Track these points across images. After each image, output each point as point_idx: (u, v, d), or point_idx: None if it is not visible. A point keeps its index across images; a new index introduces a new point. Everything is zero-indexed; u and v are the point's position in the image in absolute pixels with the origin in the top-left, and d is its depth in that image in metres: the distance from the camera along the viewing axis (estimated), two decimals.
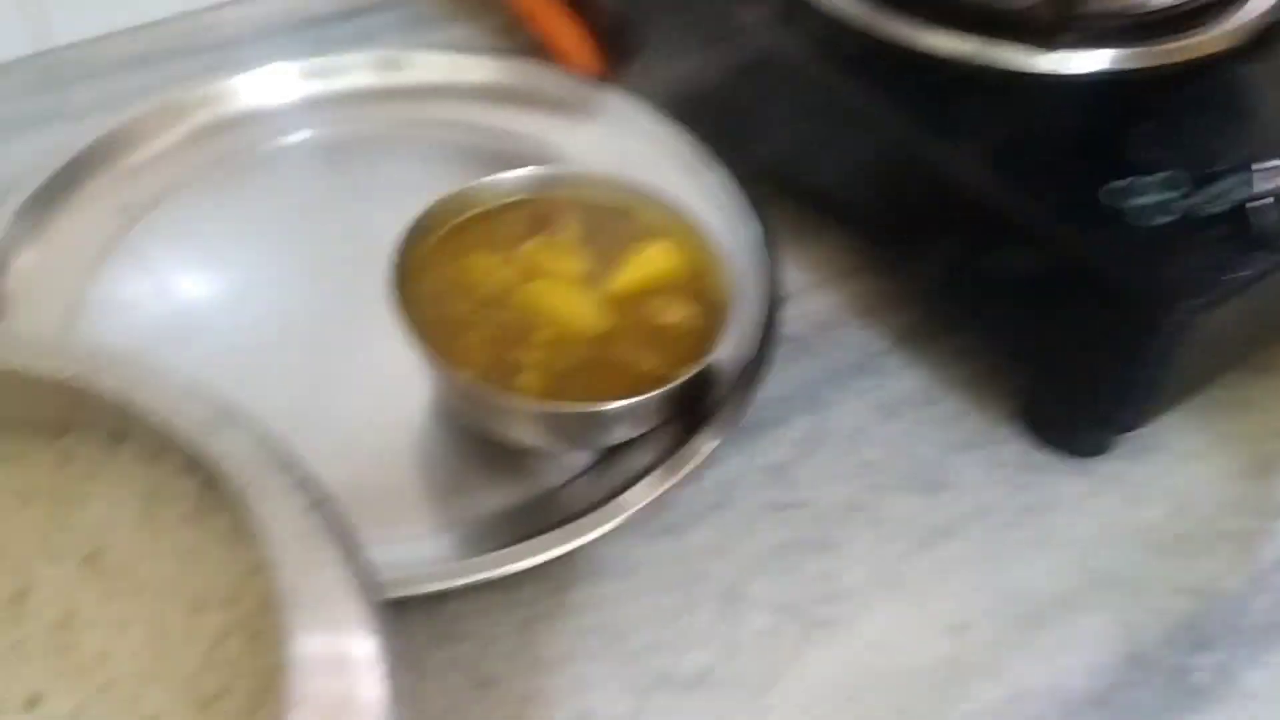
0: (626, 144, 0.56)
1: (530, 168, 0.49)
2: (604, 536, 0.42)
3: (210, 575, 0.33)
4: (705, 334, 0.45)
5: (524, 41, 0.63)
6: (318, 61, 0.57)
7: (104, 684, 0.30)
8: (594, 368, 0.44)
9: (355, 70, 0.58)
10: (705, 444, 0.44)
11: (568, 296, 0.46)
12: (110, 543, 0.33)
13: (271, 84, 0.57)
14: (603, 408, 0.42)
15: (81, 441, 0.35)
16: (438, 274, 0.47)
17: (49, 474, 0.34)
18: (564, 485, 0.46)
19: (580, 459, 0.46)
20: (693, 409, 0.45)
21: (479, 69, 0.59)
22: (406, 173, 0.55)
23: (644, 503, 0.43)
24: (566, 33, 0.61)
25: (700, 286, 0.47)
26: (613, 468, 0.46)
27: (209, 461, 0.30)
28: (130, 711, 0.30)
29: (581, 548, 0.42)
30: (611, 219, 0.49)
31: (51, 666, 0.30)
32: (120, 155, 0.54)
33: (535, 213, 0.49)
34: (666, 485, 0.43)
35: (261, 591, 0.33)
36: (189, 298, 0.51)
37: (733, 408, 0.46)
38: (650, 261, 0.48)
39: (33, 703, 0.30)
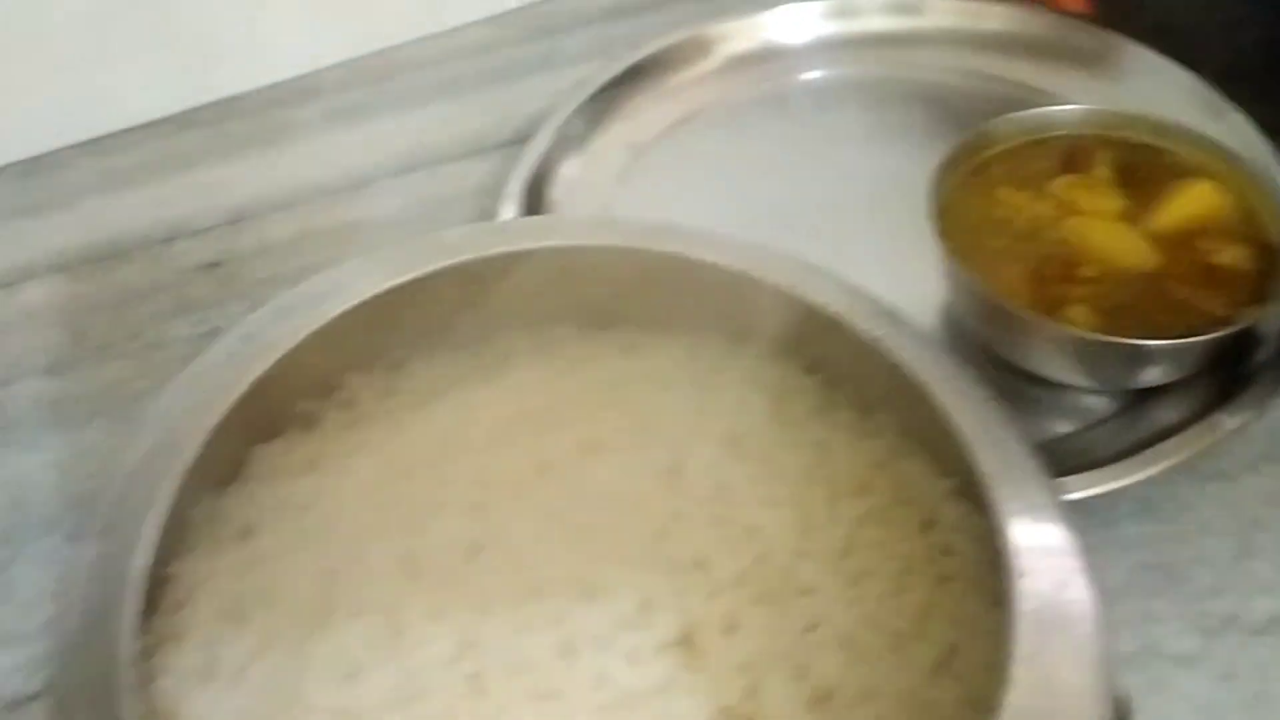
0: (1136, 90, 0.55)
1: (1052, 107, 0.49)
2: (1151, 477, 0.42)
3: (840, 466, 0.34)
4: (1262, 276, 0.44)
5: None
6: (836, 3, 0.59)
7: (760, 555, 0.33)
8: (1148, 305, 0.44)
9: (872, 13, 0.59)
10: (1263, 390, 0.43)
11: (1112, 233, 0.46)
12: (747, 430, 0.35)
13: (792, 22, 0.59)
14: (1185, 340, 0.41)
15: (704, 342, 0.37)
16: (967, 208, 0.47)
17: (681, 365, 0.37)
18: (1094, 425, 0.45)
19: (1102, 403, 0.45)
20: (1249, 353, 0.44)
21: (992, 16, 0.59)
22: (915, 114, 0.56)
23: (1203, 445, 0.42)
24: None
25: (1250, 228, 0.46)
26: (1147, 412, 0.45)
27: (882, 353, 0.32)
28: (787, 581, 0.32)
29: (1128, 486, 0.42)
30: (1146, 157, 0.48)
31: (711, 535, 0.33)
32: (641, 87, 0.57)
33: (1063, 150, 0.49)
34: (1226, 428, 0.42)
35: (892, 484, 0.34)
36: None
37: None
38: (1196, 199, 0.46)
39: (699, 564, 0.32)
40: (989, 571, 0.32)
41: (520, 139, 0.60)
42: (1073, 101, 0.54)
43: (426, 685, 0.30)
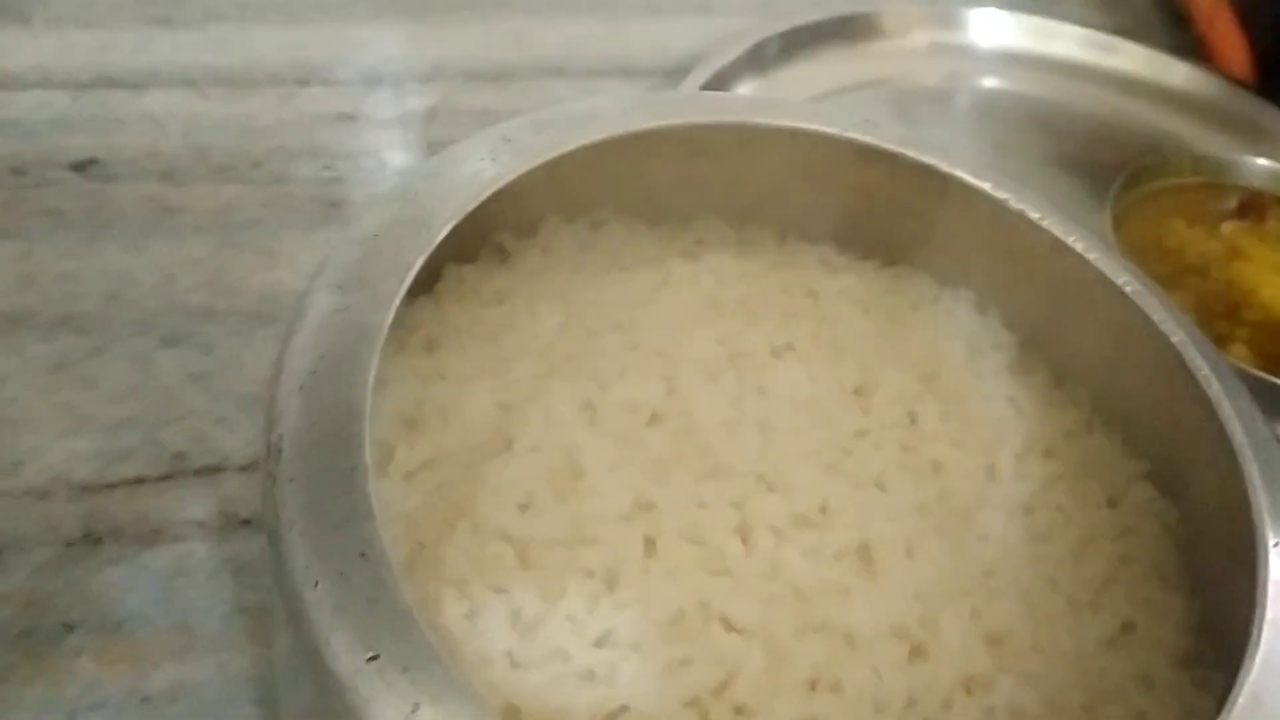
0: None
1: (1234, 156, 0.50)
2: None
3: (1031, 427, 0.34)
4: None
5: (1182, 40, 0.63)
6: (1037, 22, 0.60)
7: (942, 492, 0.32)
8: None
9: (1069, 40, 0.60)
10: None
11: (1277, 283, 0.46)
12: (941, 370, 0.34)
13: (984, 27, 0.60)
14: None
15: (908, 276, 0.37)
16: (1139, 231, 0.47)
17: (881, 294, 0.36)
18: None
19: None
20: None
21: (1178, 72, 0.60)
22: (1085, 145, 0.56)
23: None
24: (1230, 39, 0.61)
25: None
26: None
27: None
28: (969, 524, 0.31)
29: None
30: None
31: (894, 461, 0.32)
32: (805, 52, 0.57)
33: (1240, 197, 0.49)
34: None
35: (1081, 455, 0.34)
36: None
37: None
38: None
39: (879, 484, 0.31)
40: (1170, 557, 0.32)
41: (668, 72, 0.59)
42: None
43: (598, 534, 0.29)
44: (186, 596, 0.35)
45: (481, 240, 0.33)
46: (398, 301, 0.25)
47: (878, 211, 0.36)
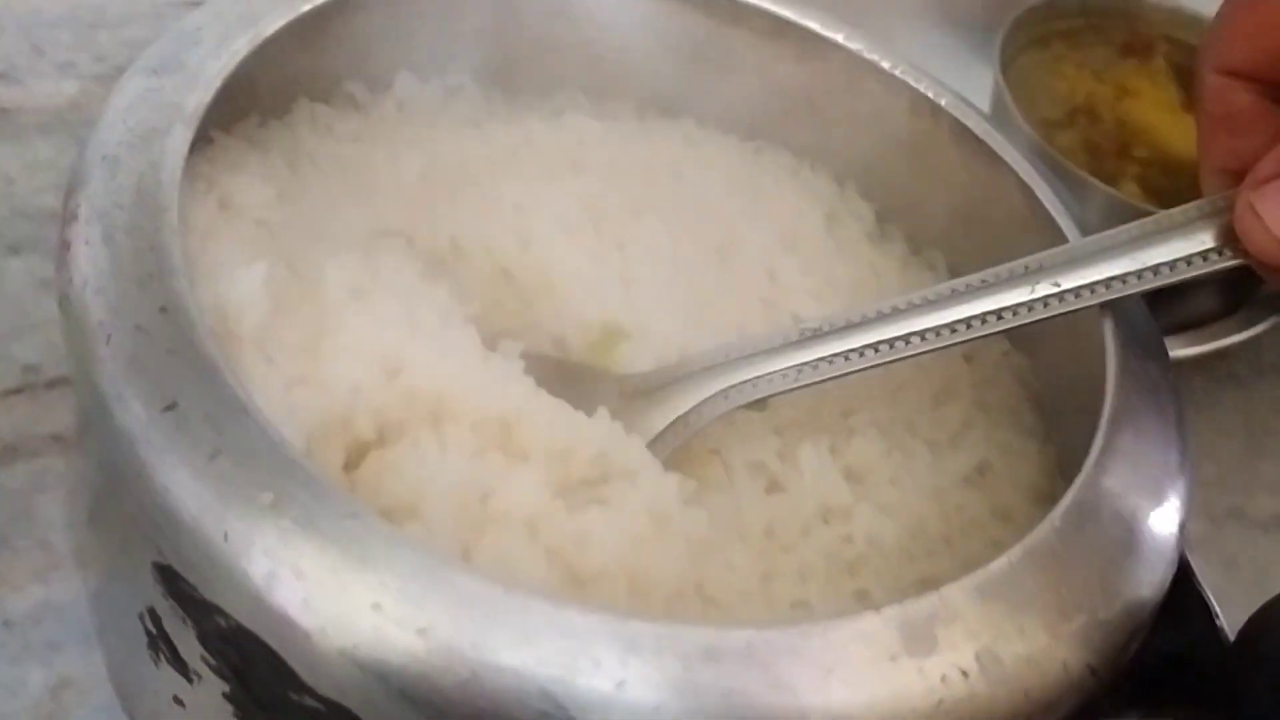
0: None
1: None
2: None
3: (889, 288, 0.34)
4: None
5: None
6: None
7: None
8: (1195, 194, 0.44)
9: None
10: None
11: (1166, 119, 0.47)
12: (800, 237, 0.34)
13: None
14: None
15: (770, 150, 0.36)
16: (1028, 76, 0.48)
17: (742, 168, 0.36)
18: None
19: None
20: None
21: None
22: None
23: (1216, 344, 0.42)
24: None
25: None
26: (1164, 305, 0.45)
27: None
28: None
29: None
30: None
31: (755, 314, 0.32)
32: None
33: (1125, 38, 0.51)
34: (1241, 333, 0.43)
35: None
36: None
37: None
38: None
39: (740, 334, 0.31)
40: (1025, 406, 0.32)
41: None
42: None
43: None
44: (47, 514, 0.33)
45: (332, 86, 0.32)
46: (218, 84, 0.24)
47: (735, 84, 0.35)
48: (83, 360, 0.21)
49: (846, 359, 0.28)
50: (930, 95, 0.33)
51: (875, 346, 0.28)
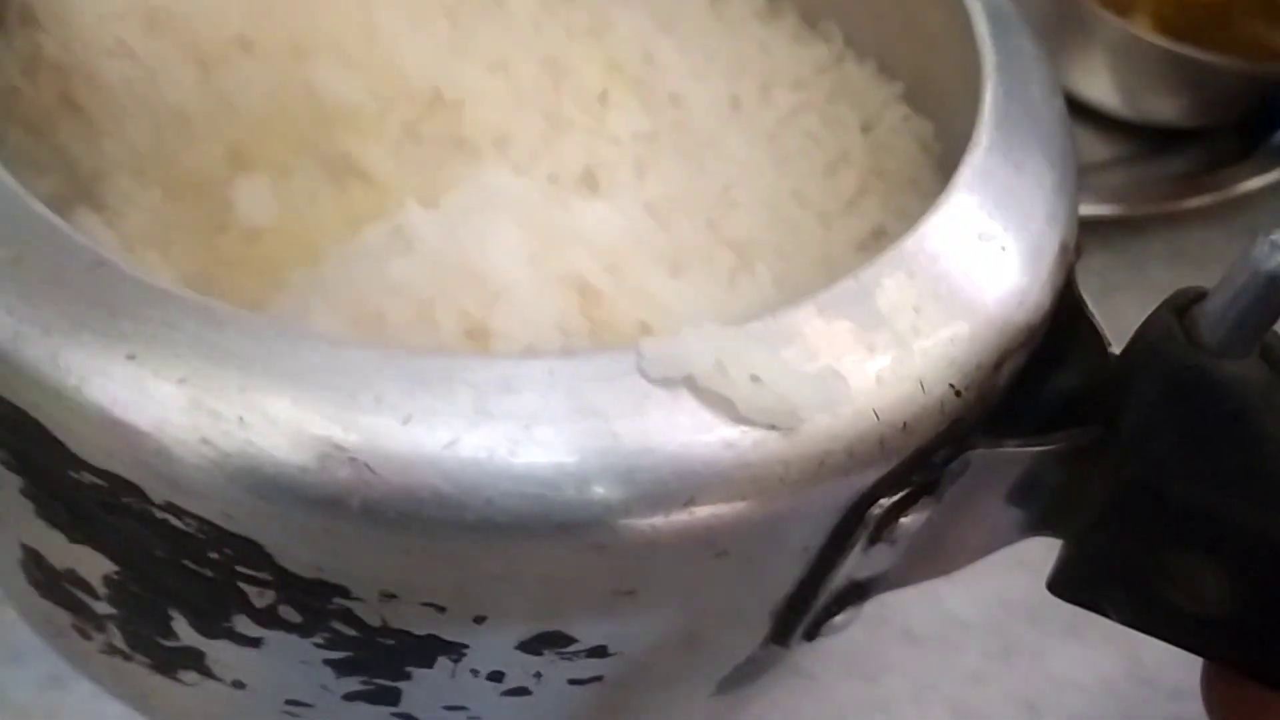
0: None
1: None
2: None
3: (779, 64, 0.32)
4: None
5: None
6: None
7: (679, 121, 0.29)
8: (1212, 33, 0.42)
9: None
10: None
11: None
12: (684, 16, 0.32)
13: None
14: (1246, 67, 0.40)
15: None
16: None
17: None
18: (1119, 163, 0.44)
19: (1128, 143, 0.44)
20: None
21: None
22: None
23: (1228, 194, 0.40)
24: None
25: None
26: (1172, 157, 0.44)
27: None
28: (708, 147, 0.29)
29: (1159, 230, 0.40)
30: None
31: (631, 98, 0.30)
32: None
33: None
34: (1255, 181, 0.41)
35: (833, 84, 0.32)
36: None
37: None
38: None
39: (604, 99, 0.29)
40: (926, 171, 0.30)
41: None
42: None
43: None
44: None
45: None
46: None
47: None
48: None
49: None
50: None
51: None
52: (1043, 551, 0.25)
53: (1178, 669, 0.31)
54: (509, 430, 0.18)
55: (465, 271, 0.24)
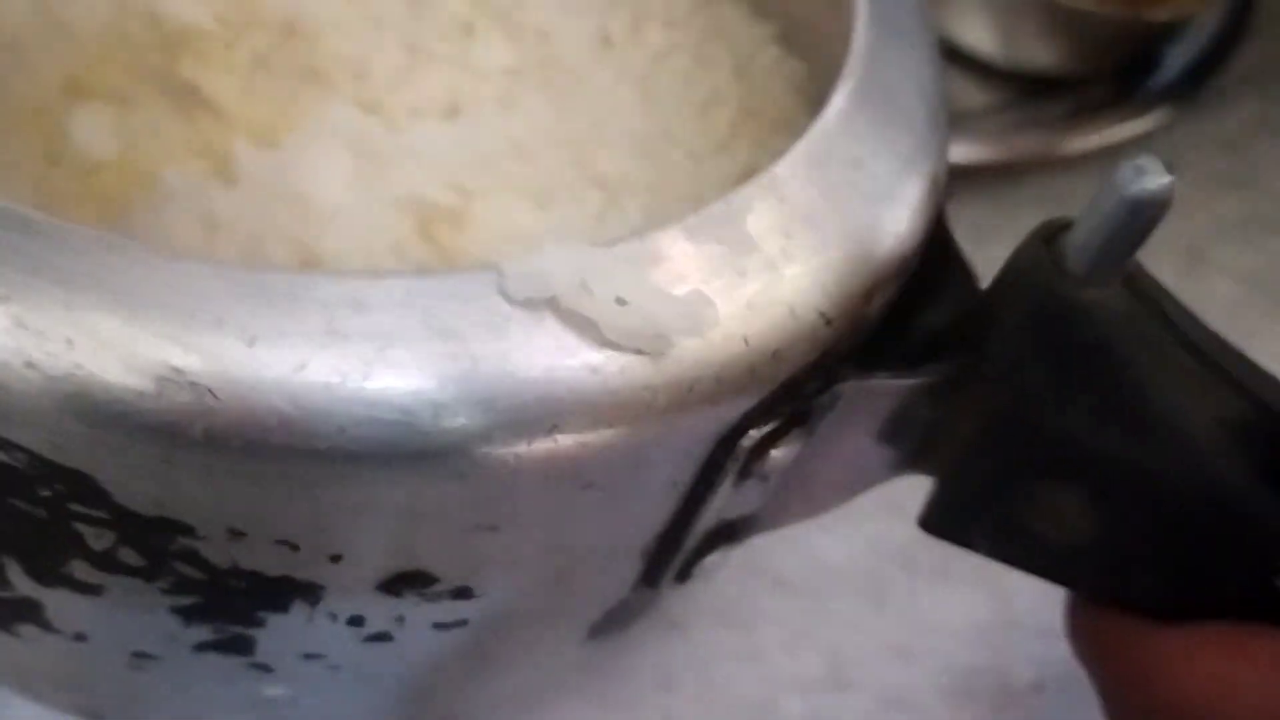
0: None
1: None
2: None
3: (651, 1, 0.31)
4: None
5: None
6: None
7: (546, 57, 0.29)
8: None
9: None
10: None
11: None
12: None
13: None
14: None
15: None
16: None
17: None
18: (993, 111, 0.44)
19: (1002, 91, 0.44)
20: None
21: None
22: None
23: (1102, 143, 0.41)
24: None
25: None
26: (1047, 105, 0.44)
27: None
28: (577, 83, 0.28)
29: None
30: None
31: (497, 34, 0.29)
32: None
33: None
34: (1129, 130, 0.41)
35: (705, 24, 0.32)
36: None
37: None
38: None
39: (468, 32, 0.28)
40: (799, 112, 0.30)
41: None
42: None
43: None
44: None
45: None
46: None
47: None
48: None
49: None
50: None
51: None
52: (913, 494, 0.25)
53: (1047, 610, 0.32)
54: (362, 351, 0.17)
55: (295, 201, 0.23)
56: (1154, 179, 0.19)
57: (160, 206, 0.24)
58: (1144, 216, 0.20)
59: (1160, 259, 0.22)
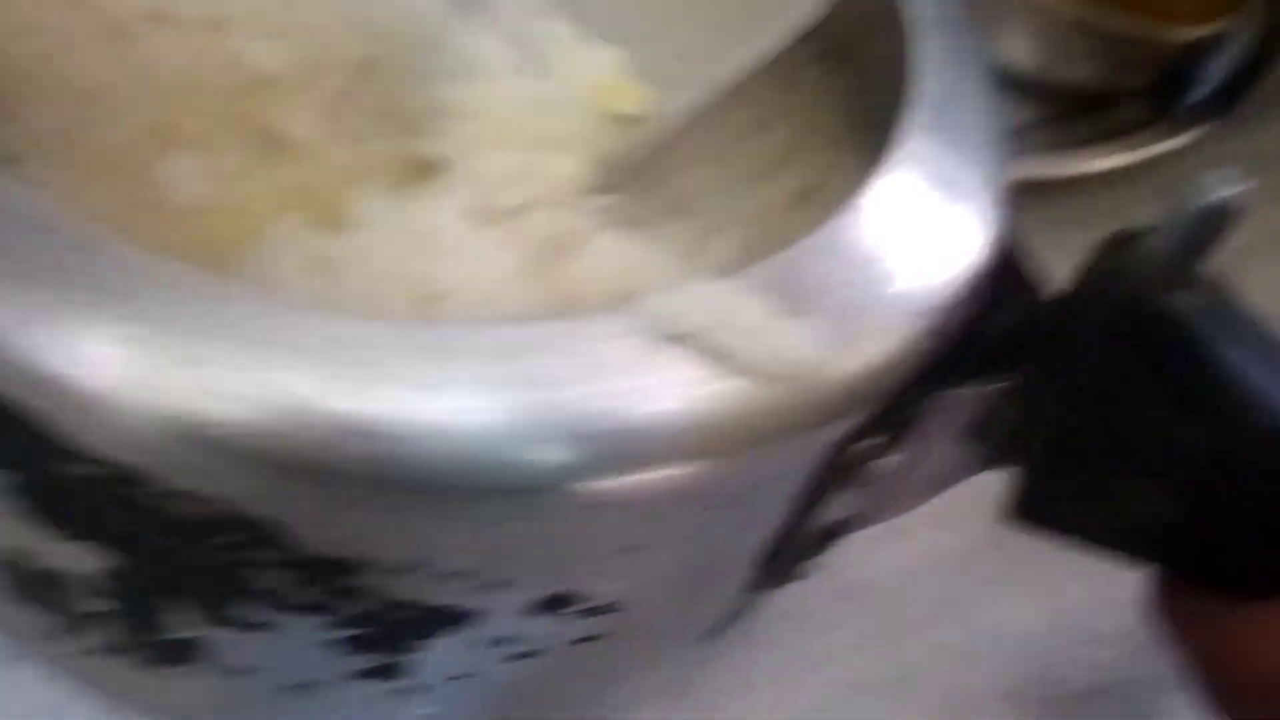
0: None
1: None
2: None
3: None
4: None
5: None
6: None
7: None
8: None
9: None
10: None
11: None
12: None
13: None
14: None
15: None
16: None
17: None
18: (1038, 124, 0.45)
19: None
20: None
21: None
22: None
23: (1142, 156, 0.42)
24: None
25: None
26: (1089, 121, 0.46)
27: None
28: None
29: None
30: None
31: None
32: None
33: None
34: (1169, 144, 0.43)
35: None
36: None
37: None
38: None
39: None
40: (851, 130, 0.31)
41: None
42: None
43: None
44: None
45: None
46: None
47: None
48: None
49: None
50: None
51: None
52: (972, 506, 0.27)
53: (1101, 618, 0.34)
54: (521, 397, 0.18)
55: (414, 239, 0.24)
56: (1235, 186, 0.21)
57: (270, 252, 0.25)
58: (1222, 223, 0.21)
59: None
